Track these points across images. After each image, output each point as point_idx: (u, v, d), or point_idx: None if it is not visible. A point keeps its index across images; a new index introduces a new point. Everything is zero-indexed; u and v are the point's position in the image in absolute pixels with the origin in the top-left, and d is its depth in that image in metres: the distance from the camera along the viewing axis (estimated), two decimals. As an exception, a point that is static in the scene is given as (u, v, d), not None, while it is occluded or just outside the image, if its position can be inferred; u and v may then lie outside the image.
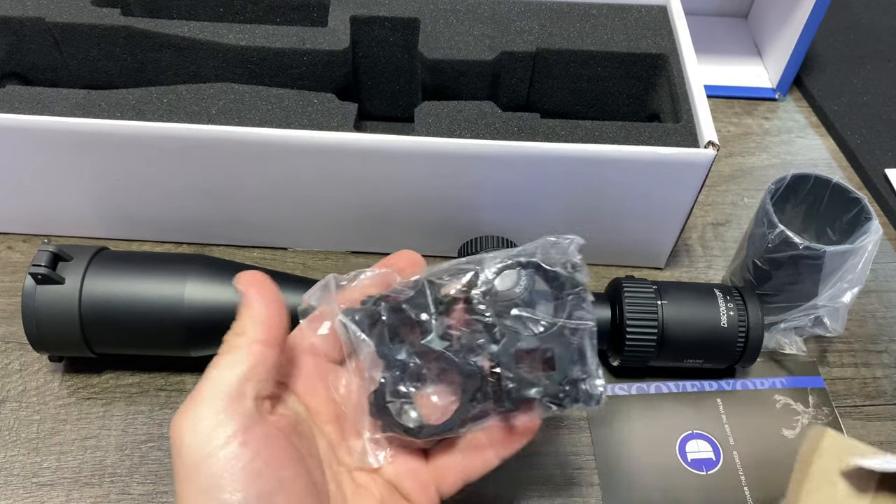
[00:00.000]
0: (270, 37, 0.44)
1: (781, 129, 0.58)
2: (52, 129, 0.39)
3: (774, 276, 0.41)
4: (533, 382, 0.29)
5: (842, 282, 0.39)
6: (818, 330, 0.41)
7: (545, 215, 0.44)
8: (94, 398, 0.40)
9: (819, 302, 0.40)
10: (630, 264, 0.48)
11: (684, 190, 0.42)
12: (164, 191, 0.43)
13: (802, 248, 0.38)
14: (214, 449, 0.24)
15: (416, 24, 0.46)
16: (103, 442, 0.38)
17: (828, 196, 0.42)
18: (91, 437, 0.38)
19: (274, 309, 0.28)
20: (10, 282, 0.45)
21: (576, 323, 0.30)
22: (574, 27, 0.47)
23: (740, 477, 0.39)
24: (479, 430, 0.30)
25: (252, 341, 0.27)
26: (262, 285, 0.28)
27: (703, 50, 0.47)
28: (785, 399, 0.42)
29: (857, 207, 0.41)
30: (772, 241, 0.39)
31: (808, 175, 0.42)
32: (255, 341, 0.27)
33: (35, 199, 0.45)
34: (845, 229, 0.42)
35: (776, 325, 0.42)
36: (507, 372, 0.29)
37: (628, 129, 0.41)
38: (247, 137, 0.39)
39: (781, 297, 0.41)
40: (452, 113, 0.41)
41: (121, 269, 0.37)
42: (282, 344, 0.28)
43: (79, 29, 0.44)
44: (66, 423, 0.39)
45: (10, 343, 0.42)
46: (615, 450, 0.40)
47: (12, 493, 0.37)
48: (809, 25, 0.54)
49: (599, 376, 0.30)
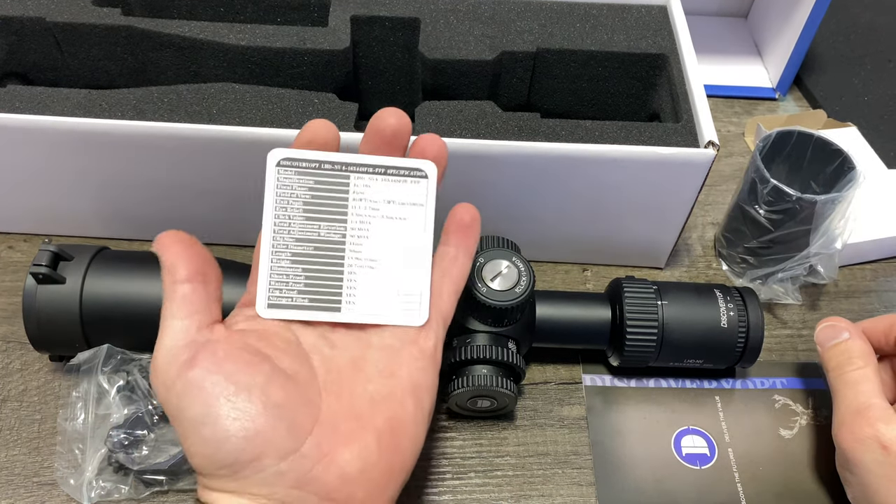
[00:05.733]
0: (271, 37, 0.44)
1: (781, 129, 0.58)
2: (52, 128, 0.39)
3: (768, 229, 0.42)
4: None
5: (832, 230, 0.42)
6: (812, 278, 0.44)
7: (545, 215, 0.44)
8: (95, 398, 0.40)
9: (812, 251, 0.42)
10: (630, 264, 0.48)
11: (685, 189, 0.42)
12: (165, 190, 0.43)
13: (795, 199, 0.40)
14: (172, 383, 0.27)
15: (417, 23, 0.46)
16: (104, 441, 0.38)
17: (811, 150, 0.44)
18: (92, 436, 0.39)
19: (183, 246, 0.29)
20: (11, 281, 0.45)
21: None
22: (574, 27, 0.47)
23: (734, 473, 0.39)
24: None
25: (174, 282, 0.29)
26: (166, 236, 0.30)
27: (703, 50, 0.47)
28: (784, 399, 0.42)
29: (840, 159, 0.43)
30: (764, 196, 0.41)
31: (791, 131, 0.44)
32: (177, 281, 0.29)
33: (36, 198, 0.45)
34: (828, 181, 0.44)
35: (772, 275, 0.44)
36: None
37: (628, 128, 0.41)
38: (247, 137, 0.39)
39: (775, 248, 0.43)
40: (453, 113, 0.41)
41: (122, 268, 0.37)
42: (205, 273, 0.29)
43: (79, 29, 0.44)
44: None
45: (11, 342, 0.42)
46: (611, 439, 0.40)
47: (13, 492, 0.37)
48: (809, 25, 0.54)
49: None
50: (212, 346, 0.28)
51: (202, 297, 0.29)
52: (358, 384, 0.30)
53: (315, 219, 0.31)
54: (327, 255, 0.31)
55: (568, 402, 0.42)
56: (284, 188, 0.31)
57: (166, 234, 0.29)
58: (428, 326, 0.31)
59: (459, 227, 0.33)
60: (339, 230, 0.31)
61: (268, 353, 0.29)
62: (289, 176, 0.31)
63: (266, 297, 0.31)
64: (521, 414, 0.41)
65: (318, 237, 0.31)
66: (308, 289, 0.31)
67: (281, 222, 0.31)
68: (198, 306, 0.28)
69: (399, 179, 0.32)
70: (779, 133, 0.44)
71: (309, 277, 0.31)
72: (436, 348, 0.32)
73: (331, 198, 0.31)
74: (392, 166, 0.32)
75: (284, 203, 0.31)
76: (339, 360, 0.30)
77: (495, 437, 0.40)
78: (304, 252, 0.31)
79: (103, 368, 0.37)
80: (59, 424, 0.37)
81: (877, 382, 0.36)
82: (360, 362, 0.30)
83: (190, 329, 0.28)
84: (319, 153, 0.31)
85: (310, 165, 0.31)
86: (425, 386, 0.31)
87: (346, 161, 0.31)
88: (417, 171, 0.32)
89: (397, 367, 0.30)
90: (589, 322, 0.40)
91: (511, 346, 0.38)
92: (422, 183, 0.32)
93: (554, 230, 0.45)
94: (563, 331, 0.40)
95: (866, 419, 0.34)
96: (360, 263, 0.31)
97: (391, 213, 0.32)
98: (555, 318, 0.40)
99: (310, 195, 0.31)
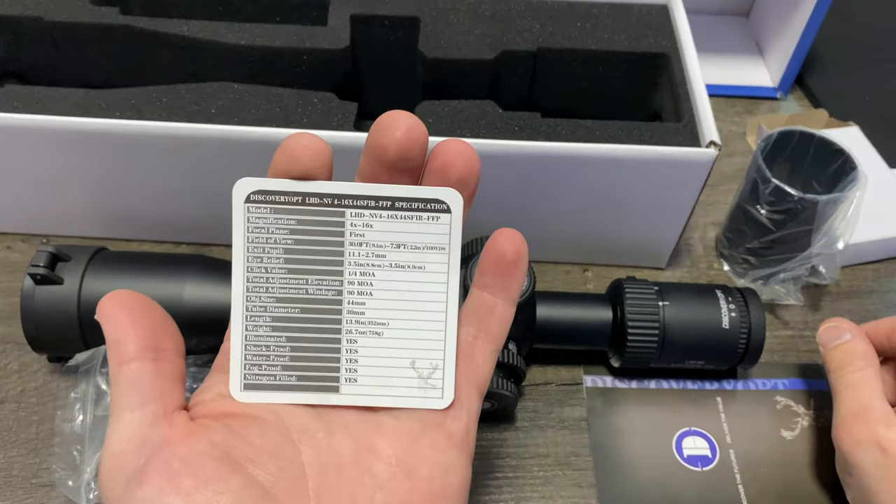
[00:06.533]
0: (270, 36, 0.44)
1: (783, 129, 0.58)
2: (50, 128, 0.39)
3: (770, 229, 0.42)
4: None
5: (834, 230, 0.42)
6: (814, 279, 0.44)
7: (546, 215, 0.44)
8: (94, 399, 0.40)
9: (814, 251, 0.42)
10: (631, 264, 0.48)
11: (686, 189, 0.42)
12: (164, 190, 0.43)
13: (797, 199, 0.40)
14: (119, 500, 0.21)
15: (417, 22, 0.46)
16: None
17: (812, 150, 0.44)
18: (90, 437, 0.38)
19: (129, 314, 0.23)
20: (9, 282, 0.45)
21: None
22: (575, 26, 0.46)
23: (735, 475, 0.39)
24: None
25: (120, 362, 0.22)
26: (108, 300, 0.23)
27: (704, 49, 0.47)
28: (786, 401, 0.42)
29: (841, 159, 0.43)
30: (766, 196, 0.41)
31: (793, 131, 0.44)
32: (123, 361, 0.22)
33: (34, 198, 0.44)
34: (830, 181, 0.44)
35: (774, 276, 0.43)
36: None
37: (629, 128, 0.41)
38: (246, 137, 0.39)
39: (777, 248, 0.43)
40: (453, 112, 0.41)
41: (120, 269, 0.37)
42: (158, 347, 0.23)
43: (77, 28, 0.44)
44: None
45: (9, 343, 0.42)
46: (612, 440, 0.40)
47: (12, 493, 0.37)
48: (811, 24, 0.54)
49: None
50: (167, 452, 0.21)
51: (156, 380, 0.23)
52: (361, 491, 0.23)
53: (301, 271, 0.24)
54: (319, 319, 0.25)
55: (569, 403, 0.41)
56: (258, 232, 0.24)
57: (108, 298, 0.23)
58: (457, 404, 0.25)
59: (499, 266, 0.25)
60: (334, 285, 0.24)
61: (240, 455, 0.22)
62: (263, 215, 0.24)
63: (241, 376, 0.24)
64: (522, 415, 0.41)
65: (306, 295, 0.24)
66: (295, 363, 0.25)
67: (256, 277, 0.24)
68: (151, 392, 0.22)
69: (411, 215, 0.24)
70: (780, 133, 0.44)
71: (296, 349, 0.25)
72: (468, 432, 0.25)
73: (321, 242, 0.24)
74: (402, 197, 0.24)
75: (259, 252, 0.24)
76: (339, 452, 0.24)
77: (495, 439, 0.40)
78: (287, 316, 0.24)
79: (102, 369, 0.37)
80: (58, 425, 0.37)
81: (878, 384, 0.35)
82: (367, 456, 0.24)
83: (142, 424, 0.22)
84: (302, 183, 0.24)
85: (290, 200, 0.24)
86: (454, 489, 0.24)
87: (338, 192, 0.24)
88: (436, 204, 0.24)
89: (416, 462, 0.24)
90: (590, 323, 0.40)
91: (511, 346, 0.37)
92: (443, 219, 0.24)
93: (554, 230, 0.45)
94: (564, 331, 0.40)
95: (866, 421, 0.34)
96: (363, 328, 0.25)
97: (402, 260, 0.25)
98: (555, 319, 0.40)
99: (292, 240, 0.24)
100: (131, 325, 0.23)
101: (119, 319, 0.23)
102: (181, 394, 0.23)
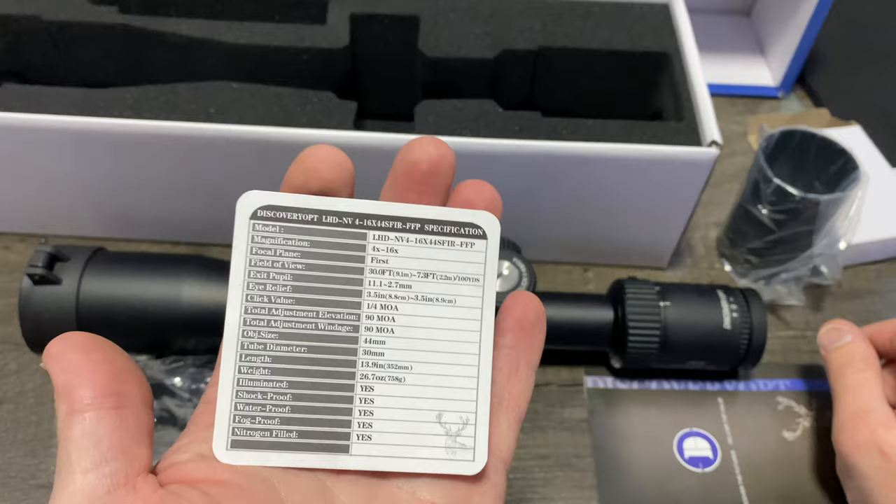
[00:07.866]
0: (269, 35, 0.44)
1: (784, 128, 0.58)
2: (49, 127, 0.39)
3: (771, 229, 0.42)
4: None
5: (835, 230, 0.42)
6: (816, 279, 0.43)
7: (546, 215, 0.44)
8: (92, 399, 0.40)
9: (816, 251, 0.42)
10: (632, 264, 0.48)
11: (687, 189, 0.41)
12: (162, 190, 0.43)
13: (798, 199, 0.40)
14: None
15: (417, 21, 0.45)
16: (101, 444, 0.38)
17: (814, 150, 0.44)
18: (88, 438, 0.38)
19: (83, 355, 0.18)
20: (7, 282, 0.44)
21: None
22: (576, 25, 0.46)
23: (737, 476, 0.39)
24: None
25: (72, 412, 0.18)
26: (56, 343, 0.19)
27: (705, 48, 0.47)
28: (787, 401, 0.42)
29: (843, 158, 0.43)
30: (767, 195, 0.41)
31: (794, 130, 0.44)
32: (76, 410, 0.18)
33: (32, 198, 0.44)
34: (832, 180, 0.43)
35: (776, 276, 0.43)
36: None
37: (630, 127, 0.41)
38: (245, 136, 0.39)
39: (778, 248, 0.43)
40: (453, 111, 0.41)
41: (118, 269, 0.37)
42: (121, 392, 0.18)
43: (76, 27, 0.44)
44: (64, 424, 0.39)
45: (7, 344, 0.42)
46: (613, 441, 0.40)
47: (10, 495, 0.36)
48: (813, 23, 0.54)
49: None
50: None
51: (117, 434, 0.18)
52: None
53: (311, 301, 0.21)
54: (329, 361, 0.21)
55: (569, 404, 0.41)
56: (264, 253, 0.20)
57: (58, 339, 0.19)
58: (484, 476, 0.21)
59: (521, 327, 0.22)
60: (349, 319, 0.21)
61: None
62: (271, 234, 0.20)
63: (228, 430, 0.20)
64: (522, 416, 0.41)
65: (316, 331, 0.21)
66: (297, 415, 0.20)
67: (256, 308, 0.20)
68: (110, 450, 0.17)
69: (442, 240, 0.21)
70: (782, 132, 0.43)
71: (299, 397, 0.20)
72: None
73: (337, 269, 0.21)
74: (432, 220, 0.21)
75: (263, 277, 0.20)
76: None
77: (496, 440, 0.40)
78: (291, 356, 0.20)
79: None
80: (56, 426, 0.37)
81: (878, 387, 0.35)
82: None
83: (97, 490, 0.17)
84: (320, 199, 0.21)
85: (305, 218, 0.21)
86: None
87: (361, 211, 0.21)
88: (471, 228, 0.21)
89: None
90: (591, 323, 0.40)
91: (512, 347, 0.37)
92: (477, 246, 0.21)
93: (555, 230, 0.45)
94: (565, 332, 0.40)
95: (866, 424, 0.34)
96: (381, 372, 0.21)
97: (430, 292, 0.21)
98: (556, 320, 0.40)
99: (303, 265, 0.21)
100: (86, 366, 0.18)
101: (71, 360, 0.18)
102: (148, 453, 0.18)
